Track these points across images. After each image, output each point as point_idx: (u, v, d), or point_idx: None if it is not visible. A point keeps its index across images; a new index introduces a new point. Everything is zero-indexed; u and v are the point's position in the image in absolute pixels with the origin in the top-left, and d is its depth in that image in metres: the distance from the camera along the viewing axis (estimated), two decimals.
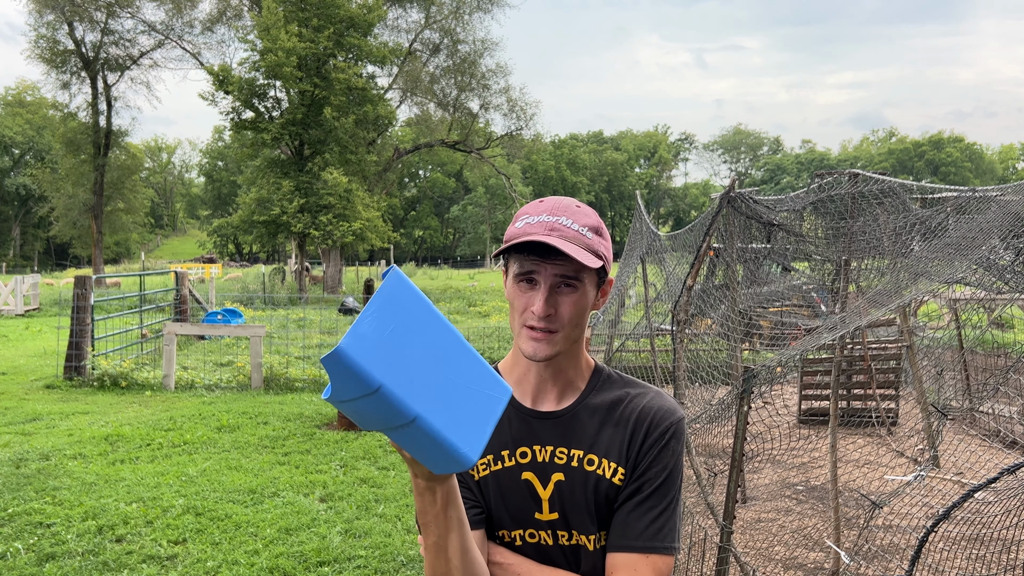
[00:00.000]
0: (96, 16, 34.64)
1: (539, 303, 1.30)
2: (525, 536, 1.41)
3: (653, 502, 1.35)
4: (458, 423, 1.04)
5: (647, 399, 1.41)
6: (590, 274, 1.34)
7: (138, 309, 15.20)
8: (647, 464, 1.36)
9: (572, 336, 1.35)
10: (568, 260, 1.29)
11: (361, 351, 0.98)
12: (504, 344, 14.49)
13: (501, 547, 1.44)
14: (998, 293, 5.39)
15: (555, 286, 1.31)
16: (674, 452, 1.37)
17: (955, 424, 7.91)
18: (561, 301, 1.32)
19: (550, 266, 1.30)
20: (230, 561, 4.73)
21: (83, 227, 40.78)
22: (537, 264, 1.31)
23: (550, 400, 1.42)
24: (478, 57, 36.23)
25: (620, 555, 1.34)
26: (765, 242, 6.23)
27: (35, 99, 63.79)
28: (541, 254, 1.30)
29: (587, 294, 1.34)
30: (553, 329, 1.32)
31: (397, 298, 1.04)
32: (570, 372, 1.42)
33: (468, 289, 34.81)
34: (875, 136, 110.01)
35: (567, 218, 1.33)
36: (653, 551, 1.33)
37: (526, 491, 1.40)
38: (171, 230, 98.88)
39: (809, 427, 8.13)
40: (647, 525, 1.33)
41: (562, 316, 1.32)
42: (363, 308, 1.04)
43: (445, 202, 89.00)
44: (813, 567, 4.75)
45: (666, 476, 1.36)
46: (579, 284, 1.32)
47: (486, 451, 1.41)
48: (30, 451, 7.14)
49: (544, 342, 1.32)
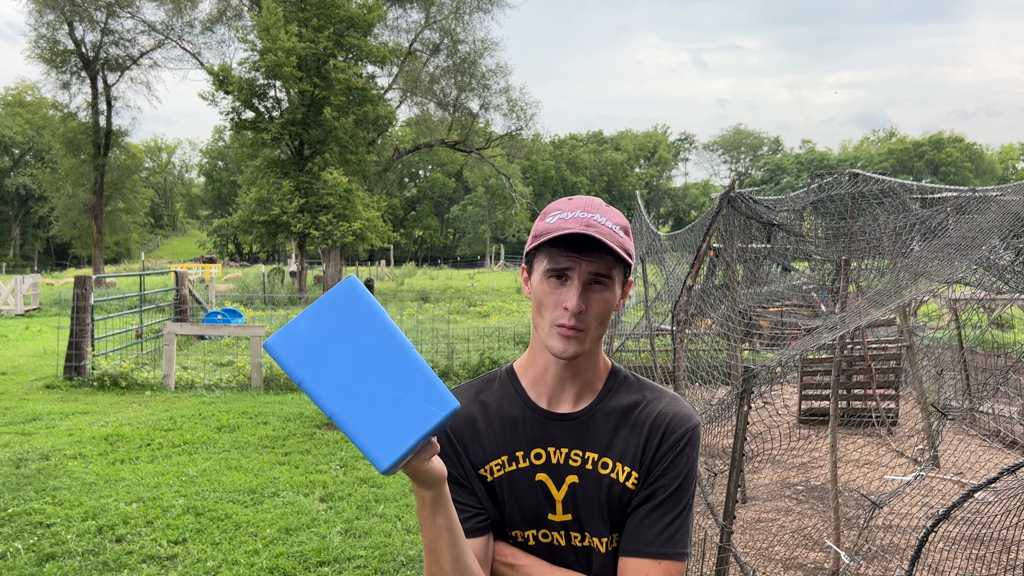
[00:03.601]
0: (96, 16, 34.63)
1: (574, 298, 1.29)
2: (538, 536, 1.41)
3: (666, 508, 1.35)
4: (376, 428, 1.07)
5: (663, 404, 1.40)
6: (619, 273, 1.34)
7: (138, 309, 15.21)
8: (661, 470, 1.36)
9: (597, 335, 1.35)
10: (602, 257, 1.29)
11: (286, 347, 1.09)
12: (504, 344, 14.47)
13: (514, 547, 1.43)
14: (998, 293, 5.39)
15: (587, 283, 1.31)
16: (688, 459, 1.37)
17: (955, 424, 7.91)
18: (592, 299, 1.31)
19: (585, 263, 1.30)
20: (230, 561, 4.73)
21: (83, 227, 40.75)
22: (573, 260, 1.30)
23: (566, 402, 1.41)
24: (478, 57, 36.24)
25: (632, 560, 1.35)
26: (765, 242, 6.23)
27: (35, 99, 63.73)
28: (577, 249, 1.29)
29: (615, 293, 1.34)
30: (583, 328, 1.32)
31: (342, 304, 1.11)
32: (588, 373, 1.42)
33: (468, 289, 34.82)
34: (875, 136, 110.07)
35: (601, 215, 1.33)
36: (665, 557, 1.33)
37: (540, 492, 1.40)
38: (171, 230, 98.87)
39: (809, 427, 8.13)
40: (660, 531, 1.34)
41: (591, 314, 1.32)
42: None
43: (445, 202, 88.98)
44: (813, 567, 4.75)
45: (680, 482, 1.36)
46: (610, 282, 1.32)
47: (501, 452, 1.41)
48: (30, 451, 7.14)
49: (574, 340, 1.32)
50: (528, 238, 1.39)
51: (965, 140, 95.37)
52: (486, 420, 1.44)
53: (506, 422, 1.42)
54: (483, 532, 1.41)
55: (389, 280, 41.63)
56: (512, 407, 1.43)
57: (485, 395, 1.46)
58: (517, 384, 1.46)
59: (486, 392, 1.47)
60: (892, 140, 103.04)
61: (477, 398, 1.46)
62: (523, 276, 1.43)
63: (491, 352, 12.84)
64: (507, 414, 1.43)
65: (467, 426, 1.44)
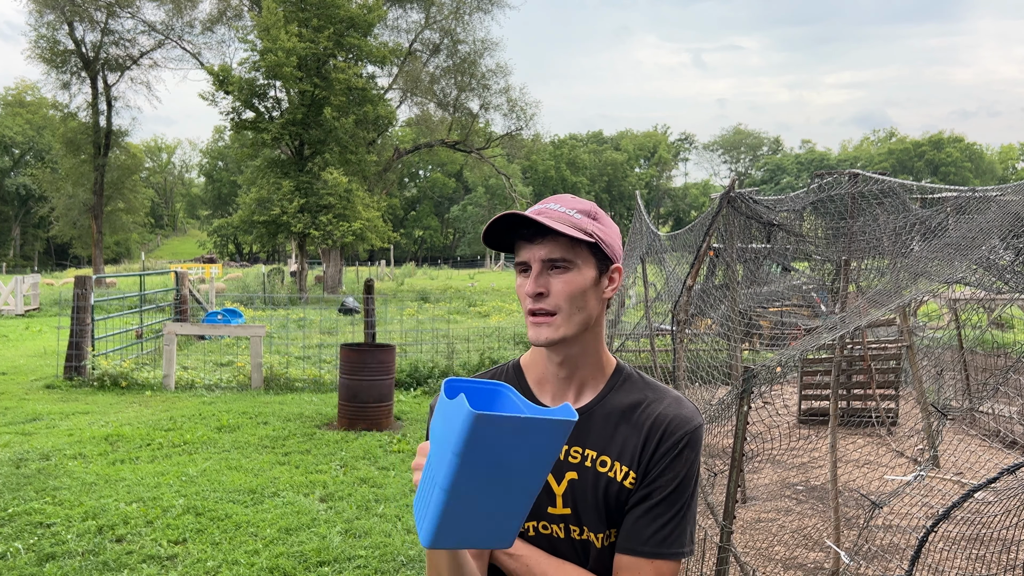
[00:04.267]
0: (96, 16, 34.60)
1: (530, 283, 1.33)
2: (538, 528, 1.43)
3: (662, 509, 1.36)
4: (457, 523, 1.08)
5: (664, 405, 1.40)
6: (583, 255, 1.34)
7: (138, 309, 15.21)
8: (658, 472, 1.36)
9: (575, 320, 1.35)
10: (554, 239, 1.32)
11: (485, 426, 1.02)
12: (504, 344, 14.51)
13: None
14: (998, 293, 5.39)
15: (546, 268, 1.34)
16: (687, 461, 1.37)
17: (955, 424, 7.91)
18: (552, 281, 1.33)
19: (536, 248, 1.33)
20: (230, 561, 4.73)
21: (83, 227, 40.73)
22: (527, 249, 1.34)
23: (568, 399, 1.43)
24: (478, 57, 36.23)
25: (627, 558, 1.37)
26: (765, 242, 6.23)
27: (35, 99, 63.73)
28: (528, 237, 1.34)
29: (583, 274, 1.34)
30: (551, 311, 1.33)
31: (542, 430, 1.06)
32: (585, 371, 1.42)
33: (468, 289, 34.82)
34: (875, 136, 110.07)
35: (556, 204, 1.37)
36: (658, 556, 1.35)
37: None
38: (171, 230, 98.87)
39: (809, 427, 8.13)
40: (655, 532, 1.35)
41: (556, 296, 1.33)
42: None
43: (445, 202, 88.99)
44: (813, 567, 4.75)
45: (677, 484, 1.36)
46: (570, 265, 1.33)
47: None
48: (30, 451, 7.14)
49: (544, 326, 1.33)
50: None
51: (965, 140, 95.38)
52: None
53: None
54: None
55: (389, 280, 41.64)
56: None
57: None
58: (523, 380, 1.48)
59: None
60: (892, 140, 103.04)
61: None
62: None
63: (491, 352, 12.86)
64: None
65: None
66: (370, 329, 10.65)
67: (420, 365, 11.25)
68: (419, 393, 10.49)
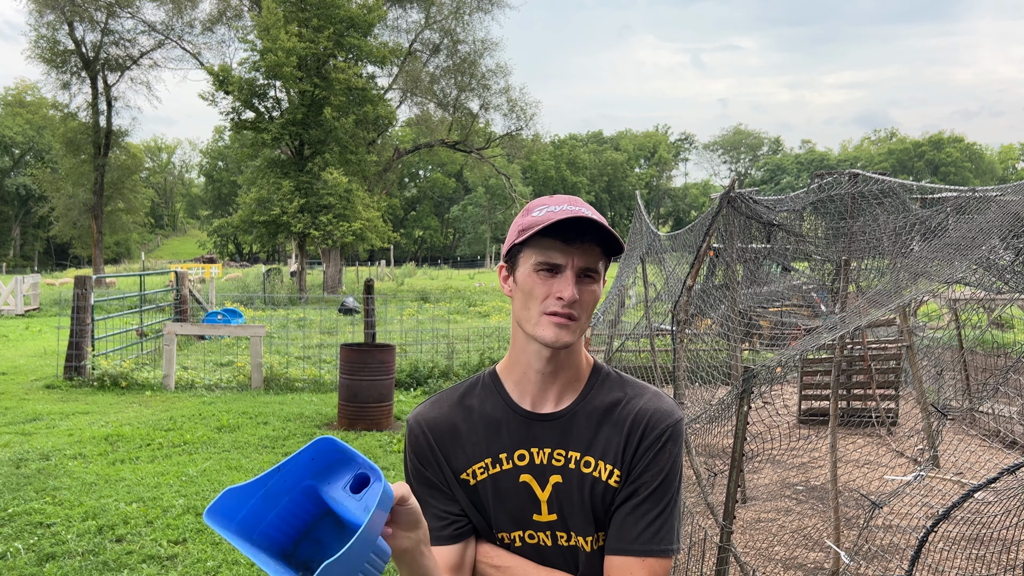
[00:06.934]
0: (96, 16, 34.58)
1: (570, 288, 1.30)
2: (524, 537, 1.41)
3: (649, 505, 1.35)
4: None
5: (644, 400, 1.40)
6: (604, 268, 1.36)
7: (138, 309, 15.21)
8: (643, 467, 1.35)
9: (584, 327, 1.36)
10: (592, 250, 1.31)
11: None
12: (504, 344, 14.48)
13: (500, 549, 1.43)
14: (998, 293, 5.39)
15: (578, 276, 1.32)
16: (671, 455, 1.37)
17: (955, 424, 7.91)
18: (582, 290, 1.32)
19: (577, 256, 1.31)
20: (230, 561, 4.73)
21: (83, 227, 40.71)
22: (566, 254, 1.31)
23: (549, 401, 1.41)
24: (478, 57, 36.23)
25: (617, 559, 1.34)
26: (765, 242, 6.23)
27: (35, 99, 63.73)
28: (571, 239, 1.30)
29: (600, 287, 1.36)
30: (576, 316, 1.32)
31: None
32: (570, 370, 1.41)
33: (468, 289, 34.83)
34: (875, 136, 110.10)
35: (586, 209, 1.34)
36: (649, 554, 1.33)
37: (525, 493, 1.40)
38: (171, 230, 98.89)
39: (809, 427, 8.13)
40: (643, 529, 1.34)
41: (584, 304, 1.33)
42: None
43: (445, 202, 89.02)
44: (813, 567, 4.75)
45: (662, 479, 1.35)
46: (597, 276, 1.34)
47: (484, 455, 1.41)
48: (30, 451, 7.14)
49: (566, 328, 1.32)
50: (509, 235, 1.39)
51: (965, 140, 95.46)
52: (469, 424, 1.43)
53: (489, 425, 1.42)
54: (460, 539, 1.41)
55: (389, 280, 41.64)
56: (495, 409, 1.43)
57: (468, 399, 1.46)
58: (500, 386, 1.45)
59: (469, 396, 1.46)
60: (892, 140, 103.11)
61: (460, 402, 1.46)
62: (501, 275, 1.42)
63: (491, 352, 12.84)
64: (490, 417, 1.42)
65: (448, 432, 1.43)
66: (370, 329, 10.65)
67: (420, 365, 11.25)
68: (419, 393, 10.49)
